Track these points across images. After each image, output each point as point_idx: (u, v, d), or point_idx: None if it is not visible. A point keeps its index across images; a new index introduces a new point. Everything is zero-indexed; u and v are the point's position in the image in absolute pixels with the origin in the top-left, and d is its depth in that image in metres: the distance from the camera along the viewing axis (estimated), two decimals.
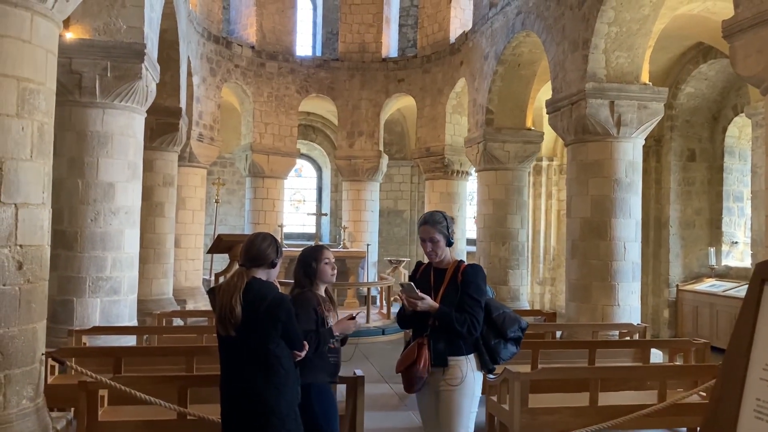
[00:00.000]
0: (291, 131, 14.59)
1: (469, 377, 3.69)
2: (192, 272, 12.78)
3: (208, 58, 12.97)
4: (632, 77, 7.96)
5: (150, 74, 7.33)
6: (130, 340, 6.87)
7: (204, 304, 12.75)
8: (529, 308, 11.87)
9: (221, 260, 15.38)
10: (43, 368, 4.08)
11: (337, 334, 3.71)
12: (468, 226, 14.53)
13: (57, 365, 5.17)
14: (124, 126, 7.08)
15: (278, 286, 3.51)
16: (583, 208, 8.10)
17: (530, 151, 11.39)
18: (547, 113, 8.89)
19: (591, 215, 8.02)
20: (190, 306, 12.02)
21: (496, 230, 11.33)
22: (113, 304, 6.97)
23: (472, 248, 15.96)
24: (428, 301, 3.63)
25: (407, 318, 3.79)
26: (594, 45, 7.82)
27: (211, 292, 3.46)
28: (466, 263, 3.91)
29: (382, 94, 14.74)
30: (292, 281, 3.94)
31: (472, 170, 14.24)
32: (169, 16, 9.31)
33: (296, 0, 14.95)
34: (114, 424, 4.14)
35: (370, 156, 14.80)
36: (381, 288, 12.31)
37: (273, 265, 3.41)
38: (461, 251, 13.80)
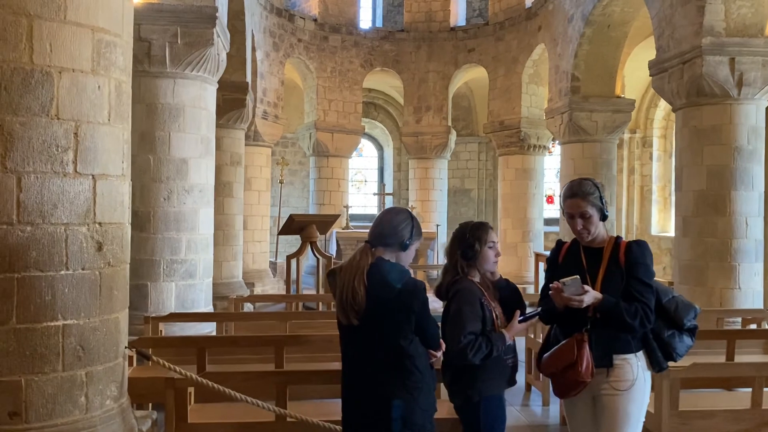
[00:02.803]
0: (355, 107, 13.98)
1: (640, 379, 3.01)
2: (259, 254, 12.39)
3: (270, 32, 12.44)
4: (756, 30, 6.99)
5: (221, 41, 6.80)
6: (207, 327, 6.43)
7: (271, 286, 12.36)
8: None
9: (288, 243, 14.99)
10: (126, 363, 3.59)
11: (510, 341, 3.08)
12: (545, 204, 13.66)
13: (134, 356, 4.73)
14: (196, 97, 6.58)
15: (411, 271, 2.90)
16: (697, 180, 7.22)
17: (620, 120, 10.46)
18: (651, 75, 7.99)
19: (707, 188, 7.13)
20: (258, 289, 11.64)
21: None
22: (189, 288, 6.52)
23: (550, 228, 15.12)
24: (593, 294, 2.95)
25: (556, 314, 3.12)
26: None
27: (331, 275, 2.87)
28: (624, 240, 3.21)
29: (451, 65, 13.94)
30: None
31: (550, 144, 13.37)
32: None
33: None
34: (206, 427, 3.63)
35: (438, 132, 14.06)
36: None
37: (405, 247, 2.80)
38: (539, 231, 12.99)
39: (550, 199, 16.05)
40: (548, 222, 14.60)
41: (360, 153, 18.54)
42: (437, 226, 13.87)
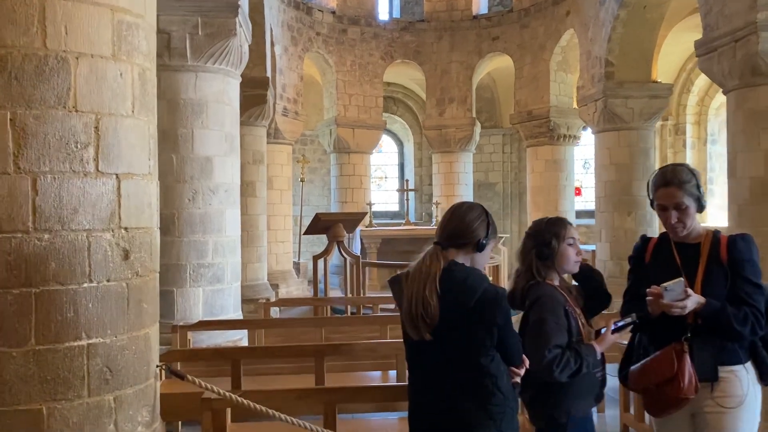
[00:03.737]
0: (376, 102, 13.58)
1: (750, 394, 2.59)
2: (282, 255, 12.04)
3: (289, 26, 12.08)
4: None
5: (244, 32, 6.44)
6: (237, 334, 6.08)
7: (296, 287, 12.02)
8: None
9: (309, 242, 14.65)
10: (158, 384, 3.22)
11: (599, 356, 2.68)
12: (587, 196, 13.17)
13: (163, 371, 4.38)
14: (219, 92, 6.22)
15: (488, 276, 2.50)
16: (754, 166, 6.73)
17: (657, 107, 9.97)
18: (697, 56, 7.50)
19: (765, 174, 6.64)
20: (282, 291, 11.30)
21: (620, 198, 10.00)
22: (216, 293, 6.17)
23: (581, 220, 14.64)
24: (695, 298, 2.53)
25: (650, 321, 2.71)
26: None
27: (395, 282, 2.48)
28: (725, 234, 2.79)
29: (475, 55, 13.48)
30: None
31: (581, 134, 12.89)
32: None
33: None
34: None
35: (462, 124, 13.62)
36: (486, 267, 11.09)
37: (480, 248, 2.40)
38: None
39: (578, 191, 15.54)
40: (580, 214, 14.12)
41: (380, 149, 18.13)
42: None
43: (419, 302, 2.29)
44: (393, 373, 4.50)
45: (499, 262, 10.83)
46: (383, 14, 16.80)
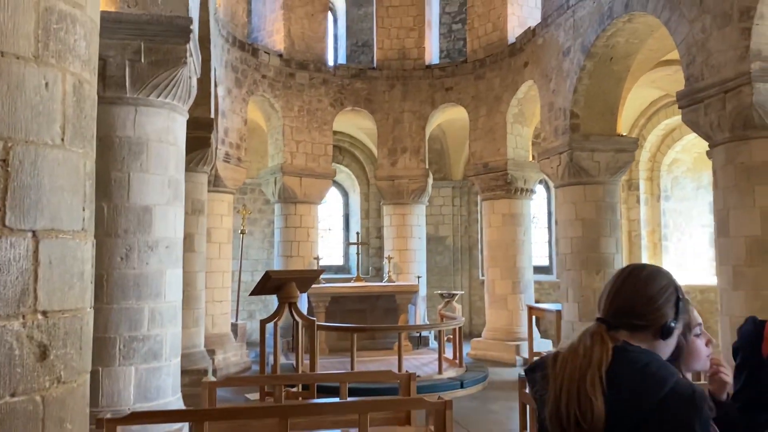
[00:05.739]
0: (325, 149, 12.79)
1: None
2: (219, 316, 10.81)
3: (233, 67, 11.23)
4: None
5: (194, 62, 5.56)
6: (177, 426, 4.95)
7: (234, 353, 10.79)
8: None
9: (247, 300, 13.47)
10: None
11: None
12: (534, 251, 12.67)
13: None
14: (163, 129, 5.27)
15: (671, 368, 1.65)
16: (749, 225, 6.30)
17: (623, 161, 9.64)
18: (680, 107, 7.14)
19: (762, 233, 6.21)
20: (219, 358, 10.07)
21: (587, 256, 9.50)
22: (152, 372, 5.06)
23: (543, 277, 14.14)
24: None
25: None
26: (759, 14, 6.10)
27: (537, 370, 1.66)
28: None
29: (428, 105, 13.00)
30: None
31: (536, 187, 12.49)
32: (201, 3, 7.57)
33: (328, 3, 13.28)
34: None
35: (415, 175, 12.99)
36: (440, 331, 10.20)
37: (665, 334, 1.65)
38: (528, 282, 11.95)
39: None
40: (539, 270, 13.65)
41: (323, 199, 17.28)
42: (418, 277, 12.67)
43: (574, 399, 1.50)
44: None
45: (461, 323, 10.06)
46: (330, 60, 16.24)
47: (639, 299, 1.64)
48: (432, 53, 13.62)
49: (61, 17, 2.02)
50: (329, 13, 16.96)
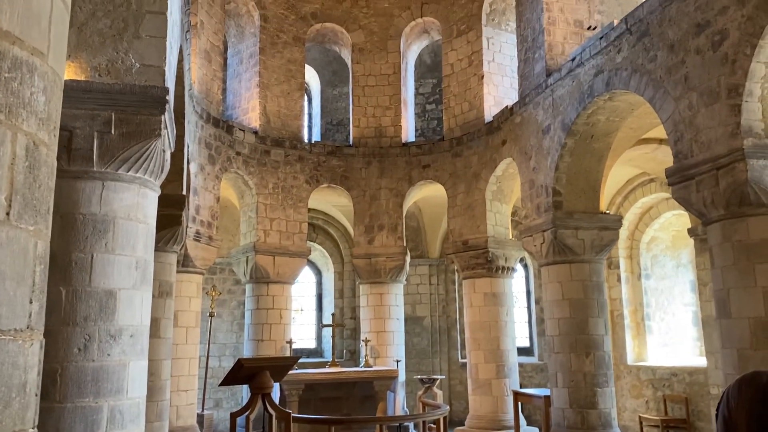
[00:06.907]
0: (300, 227, 12.40)
1: None
2: (185, 407, 10.01)
3: (206, 144, 10.93)
4: None
5: (168, 136, 5.21)
6: None
7: None
8: None
9: (214, 390, 12.65)
10: None
11: None
12: (518, 332, 12.23)
13: None
14: (132, 206, 4.82)
15: None
16: (752, 306, 6.02)
17: (608, 238, 9.44)
18: (670, 184, 6.99)
19: (766, 314, 5.93)
20: None
21: (576, 338, 9.10)
22: None
23: (524, 359, 13.63)
24: None
25: None
26: (748, 91, 6.07)
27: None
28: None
29: (405, 182, 12.81)
30: None
31: (518, 266, 12.20)
32: (177, 77, 7.31)
33: (304, 83, 13.23)
34: None
35: (393, 253, 12.62)
36: (423, 422, 9.55)
37: None
38: (513, 365, 11.45)
39: None
40: (523, 352, 13.16)
41: (297, 279, 16.71)
42: (397, 362, 12.06)
43: None
44: None
45: (446, 412, 9.42)
46: (305, 138, 16.10)
47: None
48: (408, 131, 13.57)
49: (15, 65, 1.63)
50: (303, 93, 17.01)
